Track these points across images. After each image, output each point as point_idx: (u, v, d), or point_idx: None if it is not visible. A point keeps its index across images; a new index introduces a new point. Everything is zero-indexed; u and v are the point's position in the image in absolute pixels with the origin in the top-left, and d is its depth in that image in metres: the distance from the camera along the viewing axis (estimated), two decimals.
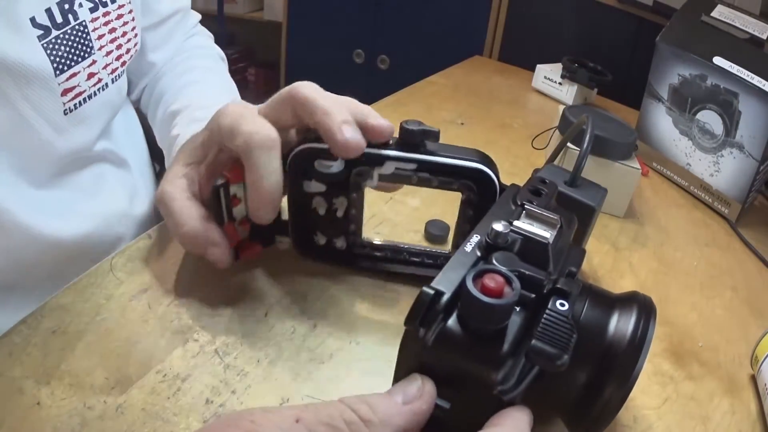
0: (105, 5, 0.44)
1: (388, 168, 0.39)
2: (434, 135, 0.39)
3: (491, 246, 0.29)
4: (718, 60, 0.67)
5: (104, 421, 0.32)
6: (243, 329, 0.39)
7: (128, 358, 0.36)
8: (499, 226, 0.29)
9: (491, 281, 0.25)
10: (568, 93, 0.93)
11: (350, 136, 0.34)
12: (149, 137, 0.65)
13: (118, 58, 0.47)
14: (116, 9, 0.45)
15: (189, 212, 0.37)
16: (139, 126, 0.63)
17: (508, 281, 0.26)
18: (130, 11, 0.48)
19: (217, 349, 0.37)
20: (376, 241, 0.44)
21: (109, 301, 0.40)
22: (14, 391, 0.33)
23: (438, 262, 0.44)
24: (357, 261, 0.44)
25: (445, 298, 0.26)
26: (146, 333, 0.38)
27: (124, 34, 0.47)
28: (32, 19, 0.39)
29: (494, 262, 0.28)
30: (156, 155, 0.78)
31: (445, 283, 0.27)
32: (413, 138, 0.39)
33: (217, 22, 2.12)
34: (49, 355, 0.35)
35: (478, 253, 0.29)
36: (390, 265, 0.44)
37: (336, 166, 0.39)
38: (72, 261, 0.48)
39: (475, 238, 0.30)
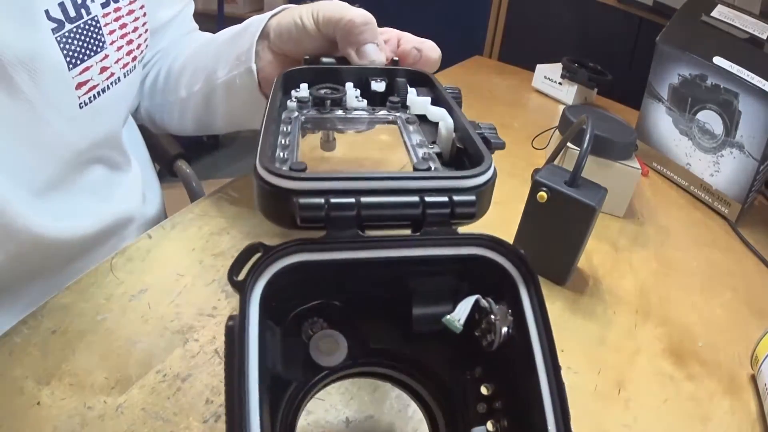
0: (116, 1, 0.44)
1: None
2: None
3: None
4: (718, 60, 0.67)
5: (104, 421, 0.32)
6: None
7: (128, 358, 0.36)
8: None
9: None
10: (568, 93, 0.93)
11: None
12: (146, 139, 0.65)
13: (129, 53, 0.47)
14: (127, 5, 0.46)
15: None
16: (137, 128, 0.63)
17: None
18: (142, 7, 0.47)
19: (217, 349, 0.37)
20: None
21: (109, 301, 0.40)
22: (14, 391, 0.33)
23: None
24: None
25: None
26: (146, 333, 0.38)
27: (135, 29, 0.47)
28: (46, 12, 0.39)
29: None
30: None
31: None
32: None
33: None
34: (49, 355, 0.35)
35: None
36: None
37: None
38: (76, 262, 0.48)
39: None
